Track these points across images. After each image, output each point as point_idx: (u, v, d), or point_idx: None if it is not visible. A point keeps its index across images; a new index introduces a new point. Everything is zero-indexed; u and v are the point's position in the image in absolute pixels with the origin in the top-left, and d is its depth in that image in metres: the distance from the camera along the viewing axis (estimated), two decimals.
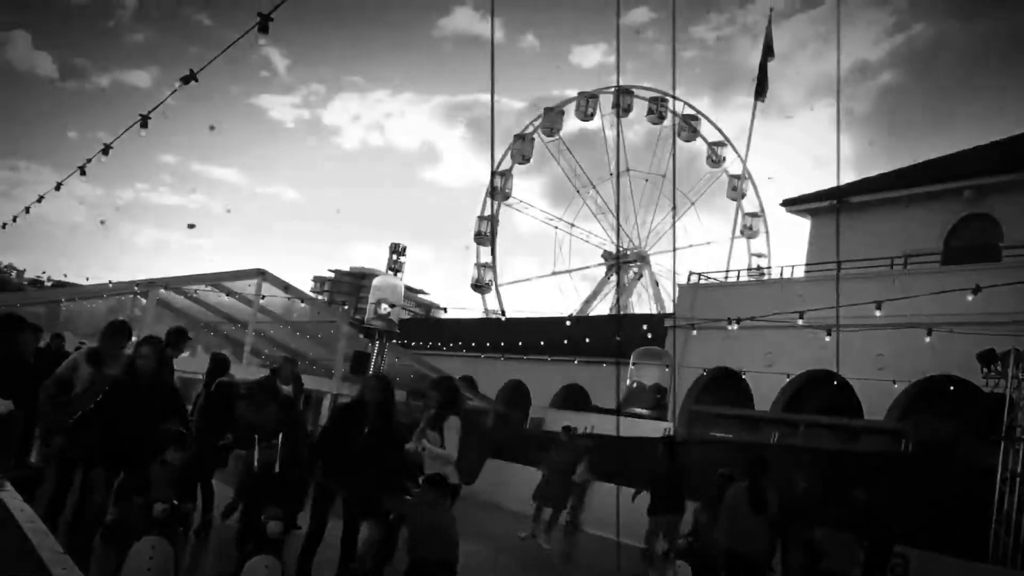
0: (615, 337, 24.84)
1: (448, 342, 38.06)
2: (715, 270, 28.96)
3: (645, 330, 27.56)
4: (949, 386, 19.31)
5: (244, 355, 24.62)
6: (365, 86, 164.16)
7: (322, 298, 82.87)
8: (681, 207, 49.52)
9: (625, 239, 50.87)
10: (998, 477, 12.20)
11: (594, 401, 28.93)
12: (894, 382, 20.16)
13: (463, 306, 50.00)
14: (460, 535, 6.29)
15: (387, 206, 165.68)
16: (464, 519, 6.48)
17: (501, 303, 50.12)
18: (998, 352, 13.03)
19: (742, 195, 47.07)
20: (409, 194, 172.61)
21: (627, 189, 49.76)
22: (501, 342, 34.38)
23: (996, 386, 12.99)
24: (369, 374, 7.53)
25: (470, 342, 36.93)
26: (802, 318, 14.98)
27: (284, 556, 5.62)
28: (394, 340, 25.51)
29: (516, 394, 34.83)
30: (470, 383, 33.10)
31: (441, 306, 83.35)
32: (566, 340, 31.20)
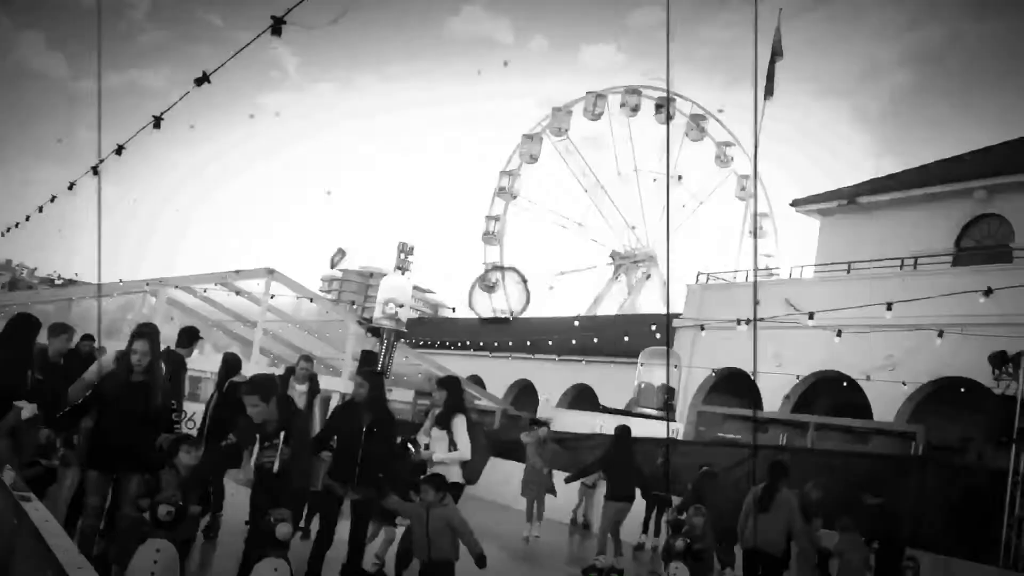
0: (623, 337, 24.84)
1: (456, 341, 38.08)
2: (723, 270, 28.88)
3: (653, 330, 27.50)
4: (960, 388, 19.22)
5: (253, 354, 24.70)
6: (374, 85, 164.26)
7: (330, 297, 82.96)
8: (690, 207, 49.54)
9: (633, 239, 50.88)
10: (1009, 479, 12.14)
11: (602, 401, 28.91)
12: (904, 383, 20.08)
13: (471, 305, 49.91)
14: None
15: (396, 205, 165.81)
16: (470, 519, 6.45)
17: (509, 302, 50.11)
18: (1009, 354, 12.97)
19: (750, 195, 46.95)
20: (418, 193, 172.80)
21: (635, 189, 49.84)
22: (509, 341, 34.38)
23: (1007, 388, 12.92)
24: (360, 371, 7.41)
25: (478, 341, 36.93)
26: (812, 319, 14.93)
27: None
28: (402, 339, 25.53)
29: (524, 394, 34.83)
30: (478, 382, 33.11)
31: (449, 306, 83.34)
32: (574, 340, 31.17)
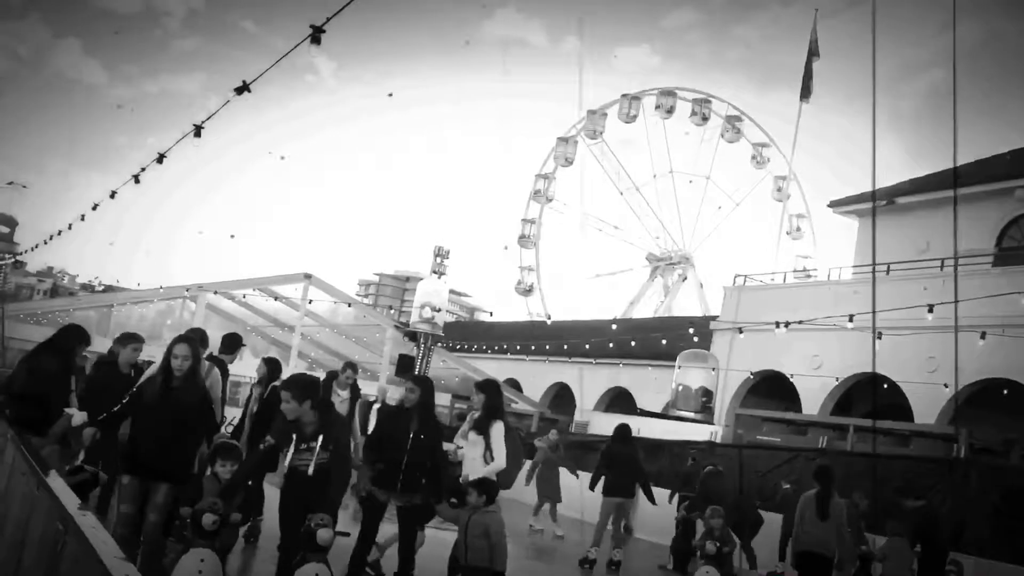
0: (661, 339, 24.73)
1: (492, 345, 38.16)
2: (760, 272, 28.68)
3: (692, 333, 27.37)
4: (1002, 389, 18.92)
5: (291, 358, 24.98)
6: (408, 89, 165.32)
7: (367, 301, 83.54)
8: (726, 208, 49.26)
9: (669, 241, 50.65)
10: None
11: (639, 404, 28.82)
12: (945, 385, 19.79)
13: (506, 309, 50.11)
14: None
15: (431, 209, 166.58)
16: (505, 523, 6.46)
17: (545, 306, 50.12)
18: None
19: (787, 196, 46.56)
20: (453, 196, 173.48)
21: (671, 191, 49.65)
22: (546, 345, 34.38)
23: None
24: (407, 377, 7.32)
25: (514, 345, 36.99)
26: (851, 321, 14.78)
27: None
28: (439, 343, 25.66)
29: (561, 397, 34.81)
30: (514, 386, 33.16)
31: (485, 309, 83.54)
32: (611, 343, 31.10)
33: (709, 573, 7.97)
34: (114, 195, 9.70)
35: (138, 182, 8.46)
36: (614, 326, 32.75)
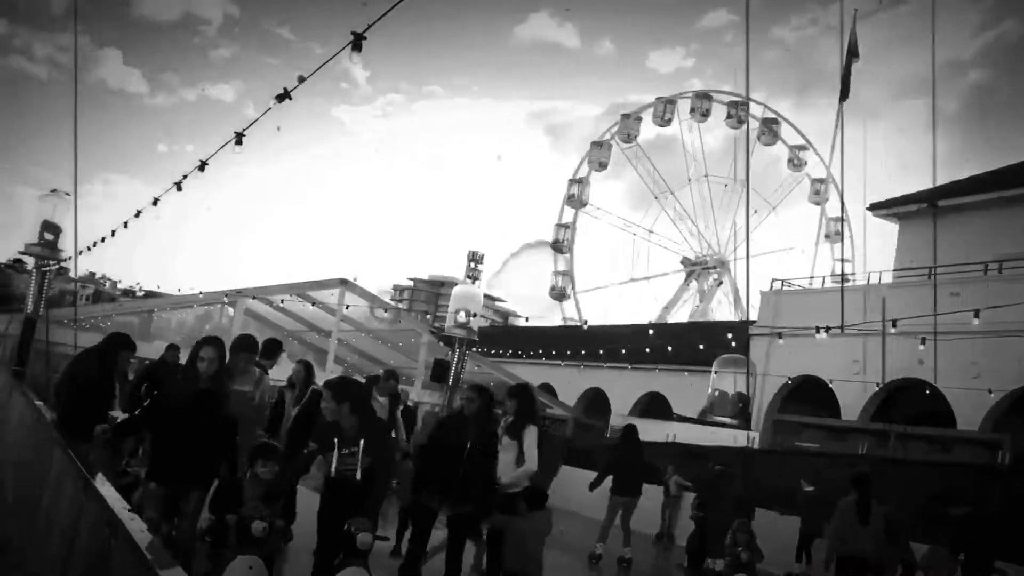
0: (698, 344, 24.53)
1: (527, 350, 38.15)
2: (798, 276, 28.42)
3: (730, 338, 27.17)
4: None
5: (328, 363, 25.15)
6: (443, 95, 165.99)
7: (402, 306, 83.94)
8: (762, 212, 48.87)
9: (704, 245, 50.39)
10: None
11: (675, 409, 28.65)
12: (990, 391, 19.47)
13: (540, 314, 50.02)
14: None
15: (465, 214, 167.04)
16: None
17: (579, 311, 50.05)
18: None
19: (825, 199, 46.13)
20: (487, 201, 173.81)
21: (706, 194, 49.39)
22: (581, 350, 34.29)
23: None
24: (469, 385, 7.22)
25: (549, 350, 36.94)
26: (895, 326, 14.58)
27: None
28: (473, 348, 25.67)
29: (596, 402, 34.71)
30: (549, 391, 33.11)
31: (520, 314, 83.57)
32: (647, 348, 30.97)
33: None
34: (156, 202, 9.84)
35: (180, 189, 8.59)
36: (651, 331, 32.56)
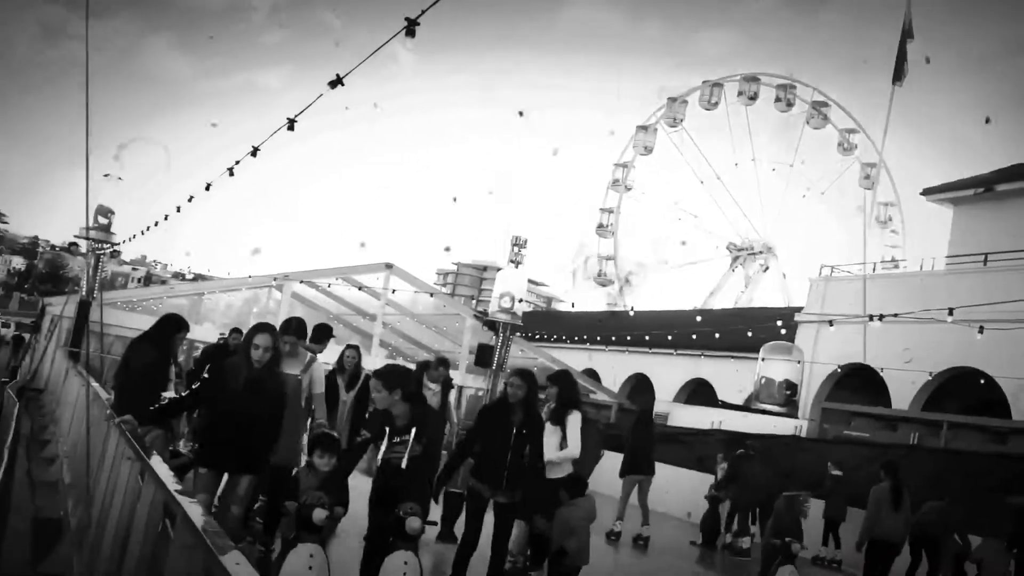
0: (745, 331, 24.28)
1: (571, 335, 38.06)
2: (847, 263, 27.95)
3: (779, 326, 26.82)
4: None
5: (373, 346, 25.35)
6: (488, 79, 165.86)
7: (446, 290, 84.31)
8: (810, 197, 48.13)
9: (750, 230, 49.80)
10: None
11: (721, 396, 28.42)
12: None
13: (584, 299, 49.90)
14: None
15: (509, 197, 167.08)
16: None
17: (623, 296, 49.80)
18: None
19: (876, 184, 45.26)
20: (531, 186, 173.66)
21: (752, 179, 48.75)
22: (625, 335, 34.12)
23: None
24: (514, 371, 7.15)
25: (593, 335, 36.81)
26: (951, 315, 14.29)
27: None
28: (517, 332, 25.69)
29: (640, 388, 34.56)
30: (593, 376, 33.03)
31: (563, 299, 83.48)
32: (693, 334, 30.71)
33: (793, 573, 7.88)
34: (209, 187, 9.95)
35: (232, 175, 8.68)
36: (699, 317, 32.24)
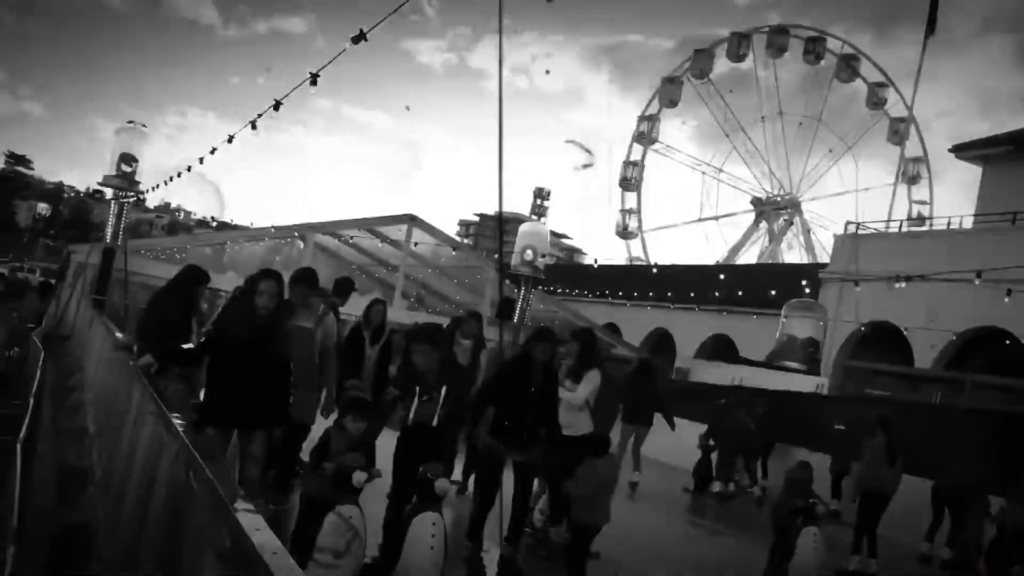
0: (767, 288, 24.08)
1: (593, 289, 37.99)
2: (873, 220, 27.62)
3: (804, 285, 26.60)
4: None
5: (395, 297, 25.41)
6: (512, 28, 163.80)
7: (467, 242, 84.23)
8: (838, 152, 47.46)
9: (776, 185, 49.24)
10: None
11: (742, 352, 28.34)
12: None
13: (606, 252, 49.76)
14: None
15: (532, 149, 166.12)
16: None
17: (646, 250, 49.57)
18: None
19: (905, 139, 44.50)
20: (554, 137, 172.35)
21: (779, 133, 48.09)
22: (648, 290, 34.00)
23: None
24: (539, 329, 7.03)
25: (616, 289, 36.71)
26: (979, 276, 14.08)
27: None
28: (539, 286, 25.62)
29: (662, 343, 34.52)
30: (615, 331, 33.00)
31: (585, 252, 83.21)
32: (715, 290, 30.55)
33: (816, 535, 7.77)
34: (231, 139, 9.89)
35: (255, 128, 8.61)
36: (722, 275, 32.03)
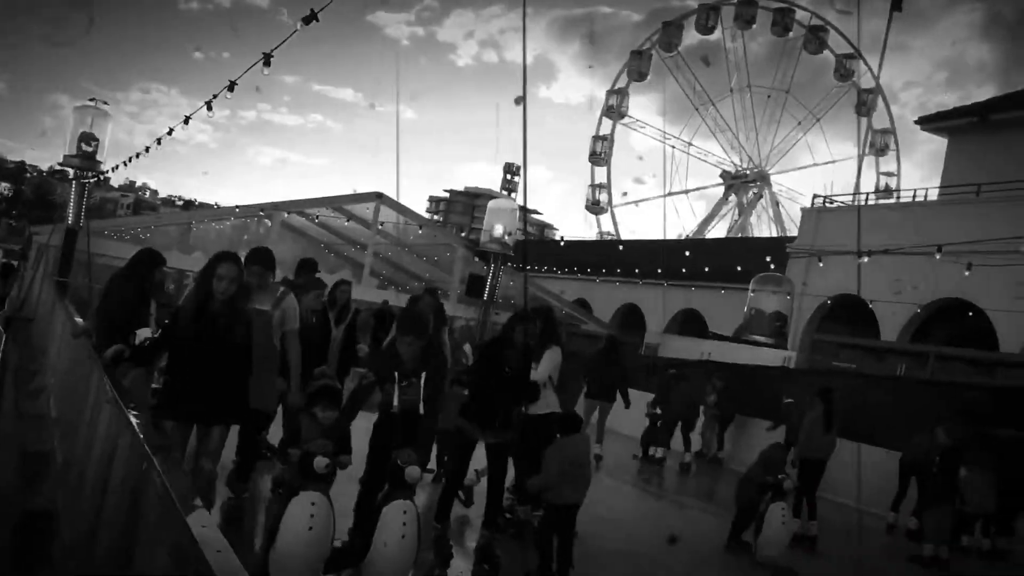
0: (735, 263, 24.17)
1: (563, 265, 37.99)
2: (841, 193, 27.80)
3: (768, 261, 26.74)
4: None
5: (364, 276, 25.25)
6: (479, 1, 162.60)
7: (437, 218, 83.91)
8: (806, 124, 47.70)
9: (745, 158, 49.45)
10: None
11: (712, 327, 28.51)
12: None
13: (576, 227, 49.79)
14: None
15: (501, 124, 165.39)
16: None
17: (616, 224, 49.66)
18: None
19: (872, 111, 44.80)
20: (518, 111, 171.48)
21: (748, 106, 48.24)
22: (617, 267, 34.05)
23: None
24: (530, 312, 6.86)
25: (585, 265, 36.73)
26: (940, 251, 14.20)
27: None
28: (508, 263, 25.56)
29: (631, 318, 34.64)
30: (584, 306, 33.07)
31: (555, 226, 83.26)
32: (684, 265, 30.65)
33: (784, 510, 7.81)
34: (188, 120, 9.70)
35: (210, 109, 8.44)
36: (688, 252, 32.13)
